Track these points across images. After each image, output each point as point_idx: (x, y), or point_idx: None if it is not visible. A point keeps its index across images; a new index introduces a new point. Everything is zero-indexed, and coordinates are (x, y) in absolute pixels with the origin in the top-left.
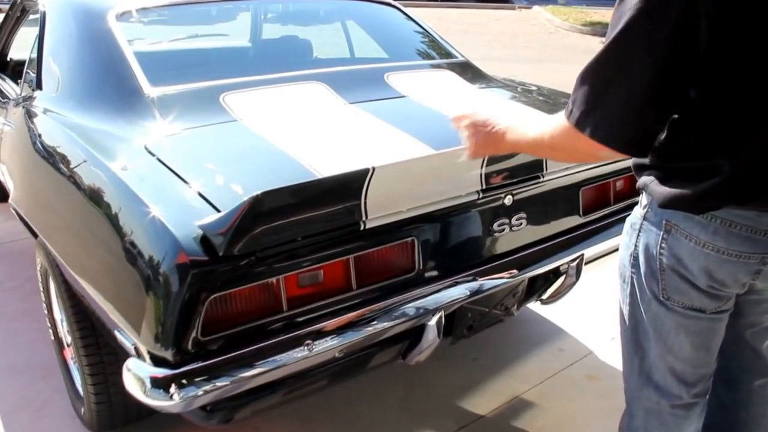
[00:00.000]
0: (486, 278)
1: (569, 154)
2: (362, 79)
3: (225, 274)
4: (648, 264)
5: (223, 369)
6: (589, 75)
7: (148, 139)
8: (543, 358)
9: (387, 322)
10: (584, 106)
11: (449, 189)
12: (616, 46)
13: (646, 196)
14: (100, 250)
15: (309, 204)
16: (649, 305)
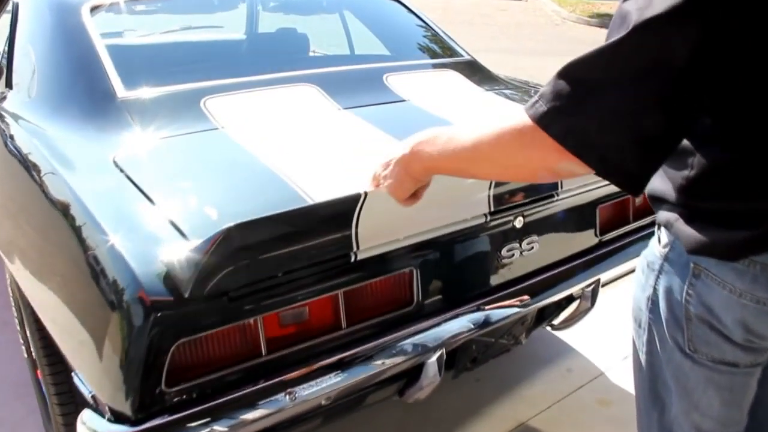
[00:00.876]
0: (493, 309)
1: (509, 166)
2: (359, 80)
3: (193, 316)
4: (670, 311)
5: (192, 425)
6: (576, 71)
7: (117, 151)
8: (550, 379)
9: (381, 364)
10: (558, 103)
11: (454, 213)
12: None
13: (667, 234)
14: (56, 280)
15: (291, 236)
16: (671, 356)
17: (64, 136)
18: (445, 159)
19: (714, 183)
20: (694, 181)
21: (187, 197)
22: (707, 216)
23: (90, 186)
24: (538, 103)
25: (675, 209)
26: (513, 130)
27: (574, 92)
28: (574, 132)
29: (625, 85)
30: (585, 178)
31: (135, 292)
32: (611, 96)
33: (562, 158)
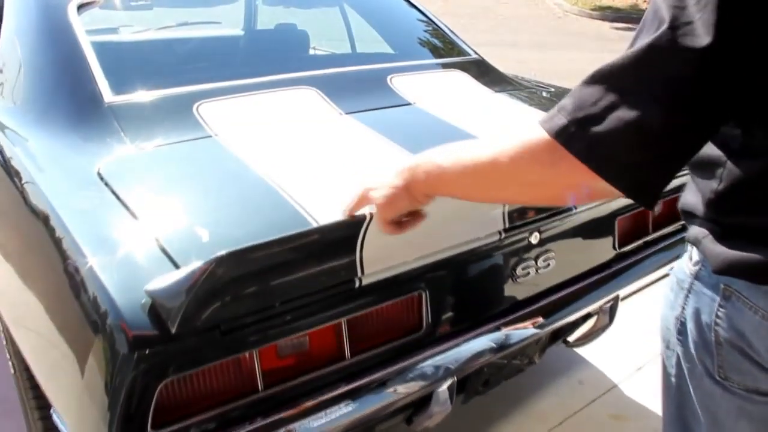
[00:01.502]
0: (508, 332)
1: (527, 186)
2: (361, 82)
3: (181, 352)
4: (699, 334)
5: None
6: (598, 81)
7: (102, 162)
8: (561, 392)
9: (388, 396)
10: (579, 115)
11: (466, 231)
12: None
13: (697, 251)
14: (33, 305)
15: (289, 263)
16: (699, 382)
17: (45, 146)
18: (453, 175)
19: (743, 197)
20: (723, 194)
21: (177, 216)
22: (736, 233)
23: (70, 201)
24: (558, 116)
25: (704, 225)
26: (530, 146)
27: (599, 101)
28: (594, 147)
29: (653, 95)
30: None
31: (116, 324)
32: (639, 108)
33: (589, 176)
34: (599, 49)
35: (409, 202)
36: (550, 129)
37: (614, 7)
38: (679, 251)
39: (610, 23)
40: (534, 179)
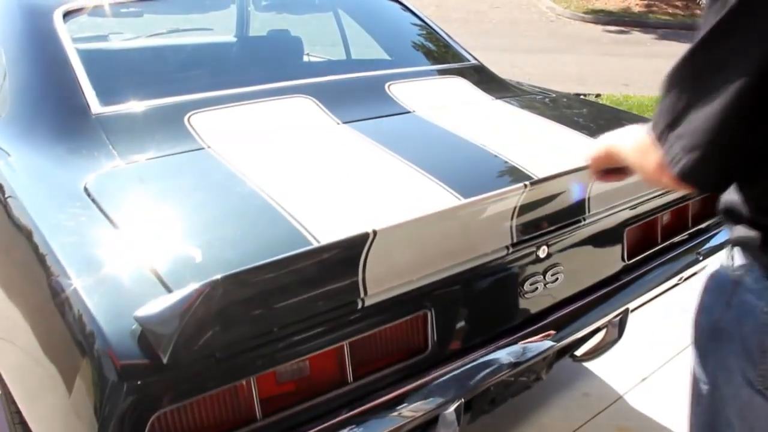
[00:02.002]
0: (516, 349)
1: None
2: (359, 90)
3: (174, 382)
4: (741, 342)
5: None
6: (673, 80)
7: (89, 177)
8: (566, 405)
9: (393, 421)
10: (666, 119)
11: (473, 247)
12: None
13: (742, 255)
14: (16, 330)
15: (288, 286)
16: (738, 391)
17: (30, 160)
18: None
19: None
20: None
21: (168, 235)
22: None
23: (55, 218)
24: (657, 120)
25: (753, 228)
26: (645, 144)
27: (675, 101)
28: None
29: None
30: (614, 198)
31: (103, 353)
32: (708, 107)
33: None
34: (593, 52)
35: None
36: (654, 130)
37: (607, 11)
38: (689, 260)
39: (602, 26)
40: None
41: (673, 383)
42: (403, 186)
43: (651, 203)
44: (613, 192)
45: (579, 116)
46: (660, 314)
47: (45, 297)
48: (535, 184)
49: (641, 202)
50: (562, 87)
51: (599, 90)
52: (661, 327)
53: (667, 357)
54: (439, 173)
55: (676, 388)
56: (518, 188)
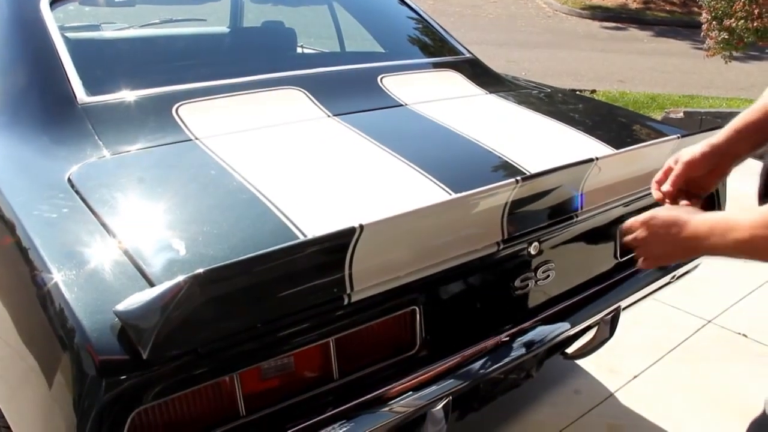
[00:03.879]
0: (505, 347)
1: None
2: (351, 83)
3: (155, 379)
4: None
5: None
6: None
7: (73, 168)
8: (557, 401)
9: (379, 419)
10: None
11: (462, 243)
12: None
13: None
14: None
15: (273, 281)
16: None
17: (13, 150)
18: (724, 251)
19: None
20: None
21: (152, 228)
22: None
23: (37, 210)
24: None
25: None
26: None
27: None
28: None
29: None
30: (607, 195)
31: (82, 348)
32: None
33: None
34: (590, 48)
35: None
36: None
37: (604, 7)
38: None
39: (599, 22)
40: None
41: (664, 382)
42: (392, 180)
43: (644, 201)
44: (606, 189)
45: (574, 112)
46: (652, 312)
47: (25, 290)
48: (528, 179)
49: (634, 199)
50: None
51: (595, 86)
52: (652, 325)
53: (659, 355)
54: (430, 167)
55: (667, 386)
56: (510, 183)
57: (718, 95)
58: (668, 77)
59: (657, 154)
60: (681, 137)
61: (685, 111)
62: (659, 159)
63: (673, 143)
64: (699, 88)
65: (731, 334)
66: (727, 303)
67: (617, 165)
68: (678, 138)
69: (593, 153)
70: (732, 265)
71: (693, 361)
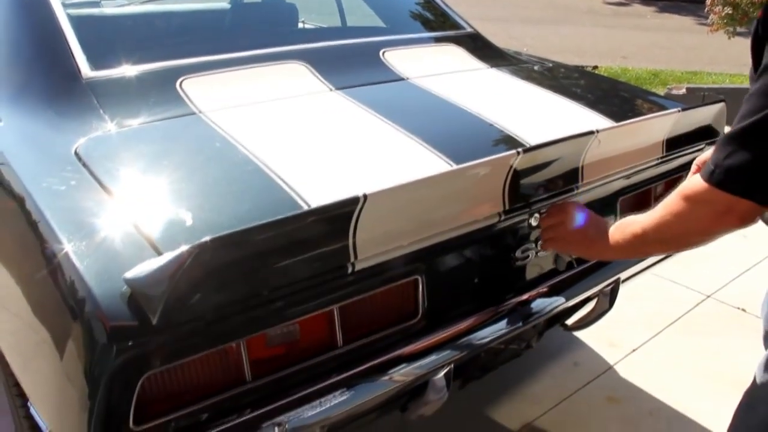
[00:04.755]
0: (506, 317)
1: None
2: (353, 57)
3: (163, 343)
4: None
5: None
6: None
7: (80, 141)
8: (556, 374)
9: (382, 386)
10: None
11: (464, 214)
12: None
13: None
14: (6, 294)
15: (278, 249)
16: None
17: (21, 124)
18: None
19: None
20: None
21: (159, 199)
22: None
23: (45, 183)
24: (713, 169)
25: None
26: (692, 199)
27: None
28: None
29: None
30: (608, 167)
31: (93, 315)
32: None
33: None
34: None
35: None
36: (713, 180)
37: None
38: None
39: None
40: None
41: (662, 355)
42: (395, 152)
43: (645, 173)
44: (606, 161)
45: (576, 86)
46: (651, 286)
47: (36, 262)
48: (528, 151)
49: (635, 172)
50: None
51: (597, 62)
52: (651, 300)
53: (658, 329)
54: (432, 140)
55: (666, 359)
56: (511, 155)
57: (721, 71)
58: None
59: (658, 127)
60: (682, 110)
61: (687, 87)
62: (660, 132)
63: (674, 117)
64: (702, 64)
65: (730, 308)
66: (727, 278)
67: (618, 137)
68: (679, 111)
69: (594, 126)
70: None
71: (692, 335)
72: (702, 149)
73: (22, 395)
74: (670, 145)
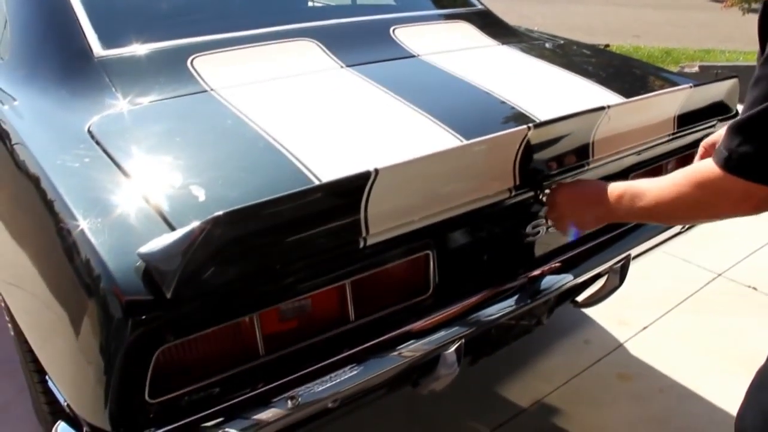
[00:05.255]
0: (516, 292)
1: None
2: (364, 34)
3: (178, 317)
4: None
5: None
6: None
7: (93, 119)
8: (567, 351)
9: (393, 360)
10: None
11: (475, 188)
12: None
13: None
14: (23, 271)
15: (291, 223)
16: None
17: (34, 103)
18: (635, 213)
19: None
20: None
21: (172, 175)
22: None
23: (60, 161)
24: (727, 155)
25: None
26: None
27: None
28: None
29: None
30: (619, 144)
31: (108, 290)
32: None
33: None
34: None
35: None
36: (727, 166)
37: None
38: None
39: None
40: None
41: (673, 333)
42: (406, 128)
43: (656, 150)
44: (618, 137)
45: (587, 63)
46: (662, 264)
47: (51, 239)
48: (539, 126)
49: (646, 148)
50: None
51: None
52: (662, 278)
53: (668, 307)
54: (443, 116)
55: (677, 337)
56: (522, 130)
57: (735, 49)
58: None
59: (669, 103)
60: (694, 86)
61: (700, 65)
62: (671, 108)
63: (686, 92)
64: (716, 41)
65: (741, 287)
66: (738, 256)
67: (629, 113)
68: (690, 87)
69: (605, 102)
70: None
71: (702, 313)
72: (714, 126)
73: (39, 371)
74: (682, 121)
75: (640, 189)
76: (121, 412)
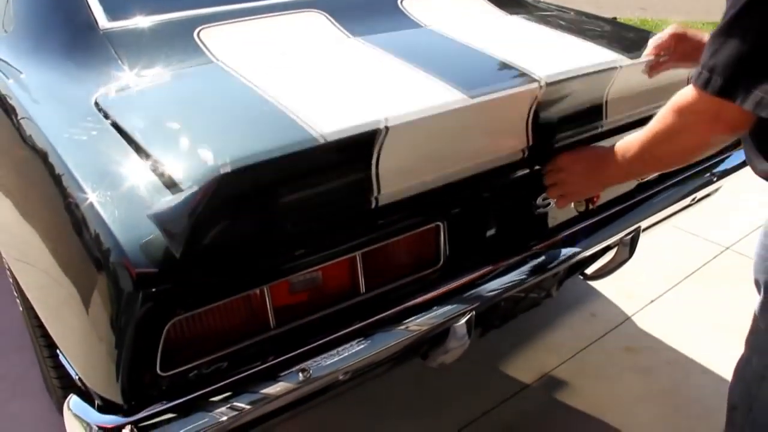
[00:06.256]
0: (528, 264)
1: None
2: (371, 5)
3: (189, 290)
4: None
5: (192, 411)
6: (730, 31)
7: (100, 91)
8: (574, 324)
9: (404, 333)
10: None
11: (488, 149)
12: None
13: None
14: (32, 244)
15: (298, 181)
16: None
17: (40, 76)
18: (630, 169)
19: None
20: None
21: (180, 147)
22: None
23: (67, 133)
24: (709, 77)
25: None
26: (691, 110)
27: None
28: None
29: None
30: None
31: (119, 263)
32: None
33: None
34: None
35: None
36: (710, 89)
37: None
38: (703, 180)
39: None
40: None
41: (681, 306)
42: (417, 90)
43: None
44: (631, 99)
45: (598, 33)
46: (670, 238)
47: (61, 214)
48: (552, 84)
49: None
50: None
51: (615, 14)
52: (670, 251)
53: (676, 281)
54: (455, 78)
55: (684, 311)
56: (534, 88)
57: None
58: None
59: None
60: None
61: None
62: (683, 70)
63: None
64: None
65: (749, 260)
66: (747, 230)
67: (641, 74)
68: None
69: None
70: (752, 192)
71: (710, 286)
72: None
73: (50, 345)
74: None
75: (629, 139)
76: (132, 386)
